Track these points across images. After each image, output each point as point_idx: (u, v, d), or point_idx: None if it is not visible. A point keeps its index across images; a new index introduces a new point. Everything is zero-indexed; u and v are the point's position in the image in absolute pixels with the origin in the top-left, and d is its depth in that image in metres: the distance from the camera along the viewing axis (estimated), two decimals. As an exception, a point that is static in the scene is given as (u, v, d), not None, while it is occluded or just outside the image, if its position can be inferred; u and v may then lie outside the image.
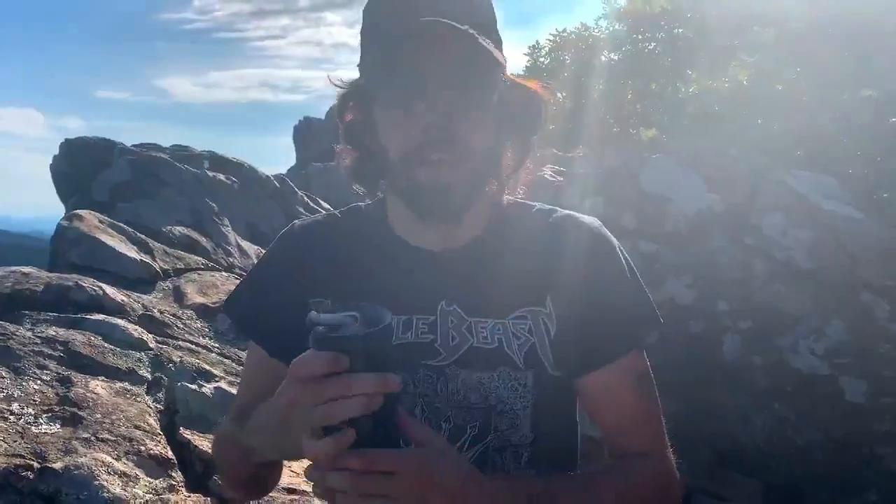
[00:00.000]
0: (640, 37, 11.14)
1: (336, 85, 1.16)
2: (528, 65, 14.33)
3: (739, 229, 4.69)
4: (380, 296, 1.14)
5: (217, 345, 2.74)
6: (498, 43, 1.09)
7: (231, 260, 3.87)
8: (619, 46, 11.84)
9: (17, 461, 1.62)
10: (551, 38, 13.28)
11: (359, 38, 1.22)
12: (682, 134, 8.24)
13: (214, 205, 4.15)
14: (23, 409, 1.82)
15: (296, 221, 1.29)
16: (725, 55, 9.05)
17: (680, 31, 10.34)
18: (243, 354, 2.76)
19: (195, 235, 3.85)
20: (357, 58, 1.16)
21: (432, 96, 1.03)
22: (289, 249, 1.24)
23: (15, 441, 1.68)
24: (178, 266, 3.34)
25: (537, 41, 14.55)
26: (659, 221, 4.86)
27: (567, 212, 1.18)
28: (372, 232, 1.22)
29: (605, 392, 1.14)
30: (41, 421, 1.82)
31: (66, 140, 4.69)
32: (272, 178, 5.01)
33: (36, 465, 1.63)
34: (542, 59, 13.77)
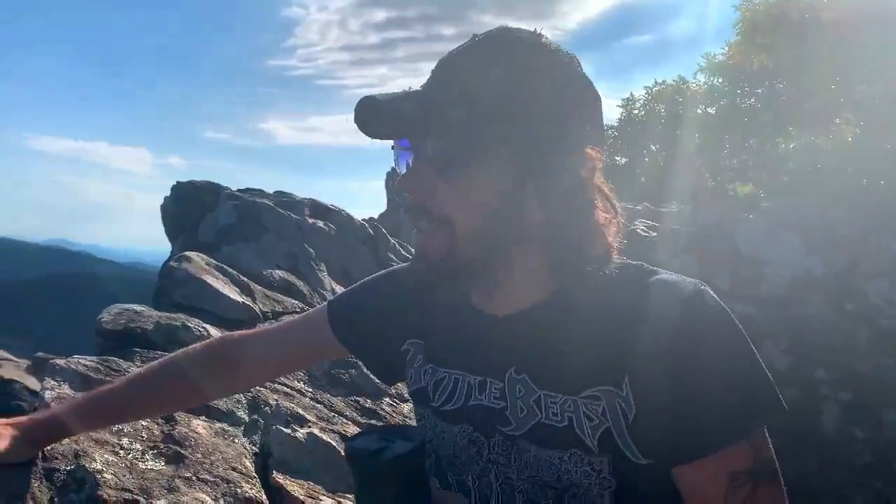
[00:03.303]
0: (739, 91, 10.97)
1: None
2: (622, 117, 14.32)
3: (841, 295, 4.52)
4: (456, 352, 1.20)
5: (310, 389, 2.82)
6: (521, 115, 1.04)
7: (325, 304, 3.98)
8: (716, 100, 11.69)
9: (126, 495, 1.70)
10: (646, 90, 13.22)
11: None
12: (781, 192, 8.02)
13: (312, 250, 4.30)
14: (131, 444, 1.91)
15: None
16: (829, 112, 8.80)
17: (781, 86, 10.13)
18: (335, 401, 2.83)
19: (292, 279, 3.98)
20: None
21: (400, 169, 1.11)
22: (403, 282, 1.35)
23: (124, 476, 1.76)
24: (277, 309, 3.46)
25: (631, 93, 14.55)
26: (754, 283, 4.74)
27: (665, 276, 1.08)
28: (452, 291, 1.27)
29: (692, 493, 1.03)
30: (147, 457, 1.91)
31: (177, 182, 4.96)
32: (367, 224, 5.14)
33: (142, 500, 1.71)
34: (636, 112, 13.74)
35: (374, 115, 1.04)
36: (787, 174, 8.70)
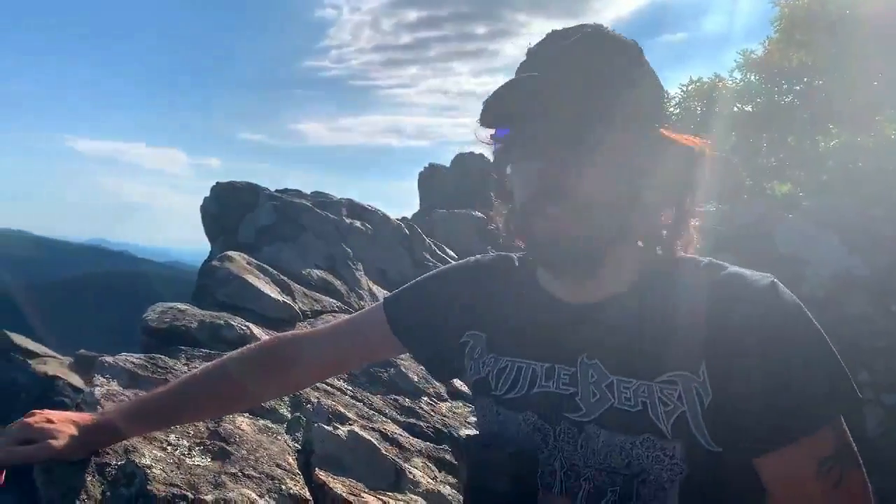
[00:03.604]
0: (776, 88, 10.81)
1: (482, 142, 1.24)
2: (658, 115, 14.17)
3: (884, 296, 4.44)
4: (523, 341, 1.22)
5: (351, 388, 2.85)
6: (635, 98, 1.10)
7: (362, 303, 4.02)
8: (752, 98, 11.52)
9: (175, 490, 1.74)
10: (682, 87, 13.09)
11: (484, 87, 1.27)
12: (821, 191, 7.90)
13: (350, 250, 4.34)
14: (179, 440, 1.95)
15: (477, 256, 1.44)
16: (870, 109, 8.64)
17: (820, 83, 9.96)
18: (375, 399, 2.86)
19: (330, 278, 4.03)
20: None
21: (544, 151, 1.08)
22: (463, 277, 1.38)
23: (172, 471, 1.80)
24: (316, 308, 3.51)
25: (667, 91, 14.42)
26: (795, 284, 4.68)
27: (737, 269, 1.11)
28: (520, 280, 1.29)
29: (779, 481, 1.04)
30: (194, 453, 1.95)
31: (217, 183, 5.04)
32: (402, 224, 5.18)
33: (190, 495, 1.74)
34: (671, 109, 13.61)
35: (500, 102, 1.08)
36: (826, 173, 8.56)
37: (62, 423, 1.50)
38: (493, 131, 1.17)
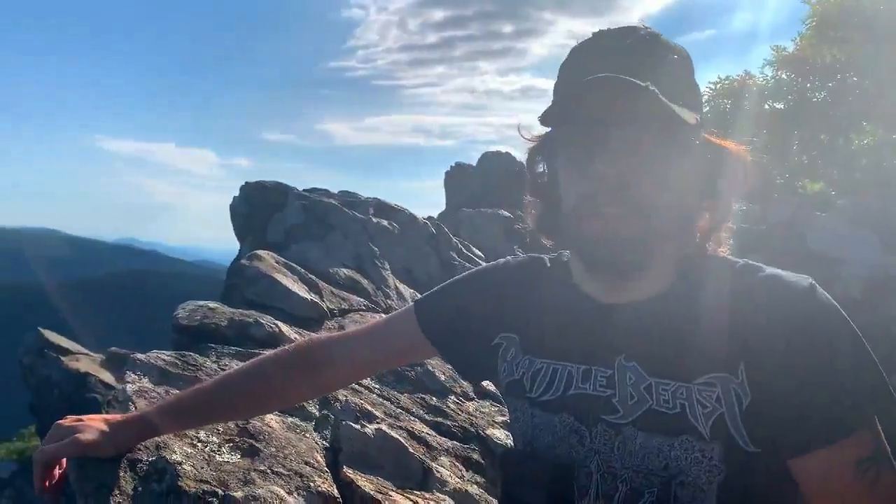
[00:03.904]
0: (808, 85, 10.66)
1: (525, 138, 1.24)
2: (686, 113, 14.04)
3: (921, 296, 4.35)
4: (559, 343, 1.21)
5: (378, 386, 2.85)
6: (693, 103, 1.11)
7: (389, 302, 4.03)
8: (783, 95, 11.37)
9: (205, 487, 1.75)
10: (711, 85, 12.95)
11: (510, 86, 1.28)
12: (854, 189, 7.77)
13: (377, 249, 4.35)
14: (209, 437, 1.96)
15: (508, 258, 1.44)
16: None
17: (854, 80, 9.80)
18: (402, 398, 2.86)
19: (358, 277, 4.04)
20: (510, 105, 1.20)
21: (609, 152, 1.07)
22: (494, 279, 1.38)
23: (202, 468, 1.82)
24: (343, 307, 3.52)
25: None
26: (828, 284, 4.58)
27: (774, 271, 1.10)
28: (555, 280, 1.28)
29: (818, 481, 1.03)
30: (223, 450, 1.96)
31: (246, 183, 5.08)
32: (429, 223, 5.18)
33: (220, 492, 1.76)
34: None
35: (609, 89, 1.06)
36: (859, 171, 8.41)
37: (92, 421, 1.53)
38: (543, 129, 1.17)
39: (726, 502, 1.04)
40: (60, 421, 1.51)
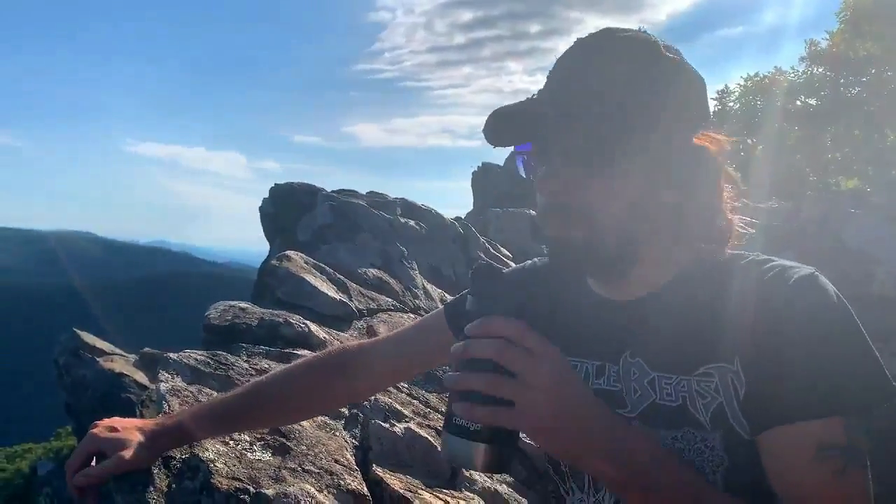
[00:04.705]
0: (842, 80, 10.48)
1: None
2: (717, 109, 13.88)
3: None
4: (575, 340, 1.23)
5: (407, 386, 2.87)
6: (648, 103, 1.09)
7: (417, 302, 4.04)
8: (816, 91, 11.19)
9: (237, 484, 1.77)
10: (742, 82, 12.80)
11: (537, 85, 1.33)
12: (890, 185, 7.63)
13: (404, 249, 4.37)
14: (241, 435, 1.99)
15: (535, 259, 1.47)
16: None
17: (890, 74, 9.62)
18: (430, 397, 2.88)
19: (385, 277, 4.06)
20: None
21: (549, 166, 1.12)
22: (519, 280, 1.39)
23: (234, 465, 1.84)
24: (371, 306, 3.54)
25: (726, 85, 14.09)
26: (864, 282, 4.51)
27: (780, 264, 1.09)
28: (570, 279, 1.31)
29: (774, 457, 1.01)
30: (255, 448, 1.98)
31: (275, 185, 5.13)
32: (456, 223, 5.19)
33: (251, 489, 1.78)
34: (731, 104, 13.30)
35: (508, 123, 1.12)
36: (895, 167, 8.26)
37: (127, 431, 1.53)
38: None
39: (734, 491, 1.03)
40: (94, 430, 1.52)
